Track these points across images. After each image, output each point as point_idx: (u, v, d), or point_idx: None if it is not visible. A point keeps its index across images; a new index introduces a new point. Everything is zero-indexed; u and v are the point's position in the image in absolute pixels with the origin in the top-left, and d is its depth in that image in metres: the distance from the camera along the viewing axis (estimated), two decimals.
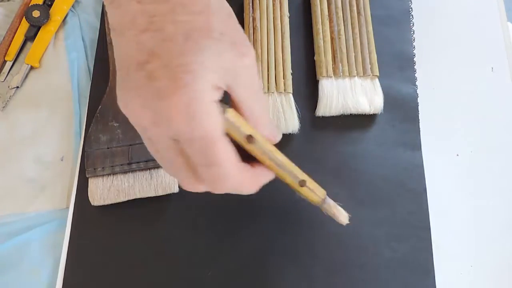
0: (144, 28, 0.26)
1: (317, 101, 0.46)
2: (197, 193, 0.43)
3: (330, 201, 0.34)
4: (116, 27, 0.27)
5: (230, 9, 0.29)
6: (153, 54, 0.25)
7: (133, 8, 0.26)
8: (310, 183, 0.32)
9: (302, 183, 0.31)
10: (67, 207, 0.44)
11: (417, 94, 0.47)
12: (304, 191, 0.32)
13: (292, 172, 0.31)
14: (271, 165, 0.30)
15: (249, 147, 0.29)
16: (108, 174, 0.43)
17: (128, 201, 0.43)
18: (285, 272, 0.41)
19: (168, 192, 0.43)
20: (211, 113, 0.26)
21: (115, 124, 0.44)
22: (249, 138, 0.28)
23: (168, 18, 0.26)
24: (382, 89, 0.46)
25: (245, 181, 0.29)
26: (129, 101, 0.26)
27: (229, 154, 0.27)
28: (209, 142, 0.26)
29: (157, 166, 0.43)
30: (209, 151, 0.26)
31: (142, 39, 0.26)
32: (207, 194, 0.43)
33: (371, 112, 0.46)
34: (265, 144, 0.29)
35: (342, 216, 0.36)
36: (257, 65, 0.29)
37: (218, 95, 0.27)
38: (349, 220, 0.37)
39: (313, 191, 0.33)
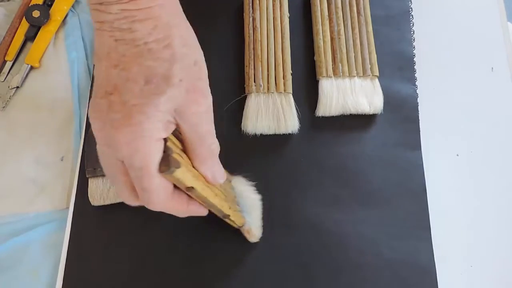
0: (115, 64, 0.29)
1: (317, 101, 0.46)
2: None
3: (245, 227, 0.40)
4: (96, 53, 0.30)
5: (199, 57, 0.32)
6: (116, 88, 0.28)
7: (110, 44, 0.29)
8: (233, 216, 0.38)
9: (226, 216, 0.37)
10: (67, 207, 0.44)
11: (417, 94, 0.47)
12: (227, 221, 0.38)
13: (220, 210, 0.36)
14: (204, 205, 0.35)
15: (188, 193, 0.33)
16: None
17: None
18: (285, 272, 0.41)
19: None
20: (152, 151, 0.29)
21: None
22: (189, 188, 0.32)
23: (135, 60, 0.29)
24: (382, 89, 0.46)
25: (175, 208, 0.33)
26: (92, 118, 0.29)
27: (161, 186, 0.30)
28: (145, 173, 0.29)
29: None
30: (144, 180, 0.29)
31: (111, 73, 0.29)
32: None
33: (371, 112, 0.46)
34: (202, 192, 0.33)
35: (253, 238, 0.41)
36: (211, 113, 0.32)
37: (167, 133, 0.30)
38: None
39: (234, 222, 0.38)
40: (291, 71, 0.47)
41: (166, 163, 0.29)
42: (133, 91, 0.28)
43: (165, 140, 0.30)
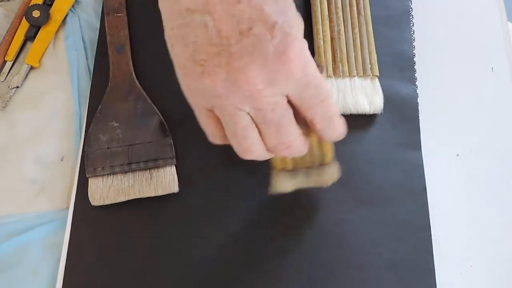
0: (237, 0, 0.26)
1: None
2: (196, 194, 0.43)
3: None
4: (196, 8, 0.27)
5: None
6: (253, 20, 0.26)
7: None
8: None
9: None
10: (67, 207, 0.44)
11: (417, 94, 0.47)
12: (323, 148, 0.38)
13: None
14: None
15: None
16: (108, 174, 0.43)
17: (128, 201, 0.43)
18: (285, 273, 0.41)
19: (168, 192, 0.43)
20: (311, 57, 0.29)
21: (115, 124, 0.44)
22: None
23: None
24: (382, 89, 0.46)
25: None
26: (239, 69, 0.26)
27: None
28: (321, 79, 0.29)
29: (157, 166, 0.43)
30: (322, 88, 0.29)
31: (237, 10, 0.26)
32: (207, 195, 0.43)
33: (371, 112, 0.46)
34: None
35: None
36: None
37: None
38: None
39: (328, 153, 0.39)
40: None
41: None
42: (273, 14, 0.26)
43: None
